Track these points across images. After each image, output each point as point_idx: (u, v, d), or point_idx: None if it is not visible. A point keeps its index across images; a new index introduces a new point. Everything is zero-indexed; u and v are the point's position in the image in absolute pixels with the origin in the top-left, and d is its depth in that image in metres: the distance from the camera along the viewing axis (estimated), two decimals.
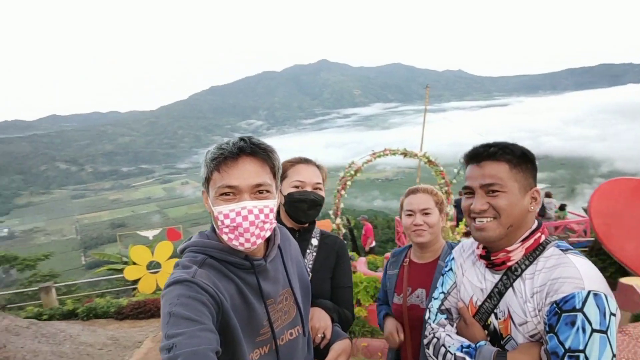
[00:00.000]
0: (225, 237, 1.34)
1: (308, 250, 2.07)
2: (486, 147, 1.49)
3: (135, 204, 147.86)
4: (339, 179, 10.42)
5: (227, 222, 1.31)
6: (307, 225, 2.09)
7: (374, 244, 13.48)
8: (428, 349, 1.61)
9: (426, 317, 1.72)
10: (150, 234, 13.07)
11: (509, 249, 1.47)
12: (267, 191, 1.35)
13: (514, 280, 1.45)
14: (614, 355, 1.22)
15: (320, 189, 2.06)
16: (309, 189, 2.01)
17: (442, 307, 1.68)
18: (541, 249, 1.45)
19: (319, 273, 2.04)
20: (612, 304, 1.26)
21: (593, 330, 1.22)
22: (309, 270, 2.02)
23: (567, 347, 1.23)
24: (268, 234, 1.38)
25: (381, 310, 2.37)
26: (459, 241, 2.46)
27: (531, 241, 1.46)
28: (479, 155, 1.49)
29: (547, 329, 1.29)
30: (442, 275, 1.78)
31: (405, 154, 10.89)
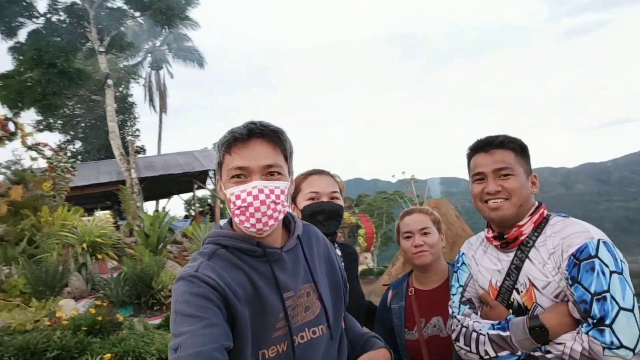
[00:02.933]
0: (237, 220, 1.31)
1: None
2: (494, 138, 1.66)
3: None
4: None
5: (238, 202, 1.29)
6: (329, 237, 1.97)
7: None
8: (458, 341, 1.62)
9: (450, 313, 1.74)
10: None
11: (520, 223, 1.60)
12: (279, 173, 1.33)
13: (528, 251, 1.57)
14: (634, 295, 1.36)
15: (337, 198, 2.00)
16: (325, 199, 1.95)
17: (463, 299, 1.72)
18: (545, 221, 1.61)
19: (351, 282, 2.01)
20: (619, 252, 1.43)
21: (611, 272, 1.37)
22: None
23: (592, 291, 1.35)
24: (280, 216, 1.33)
25: None
26: None
27: (537, 215, 1.62)
28: (489, 144, 1.65)
29: (570, 281, 1.41)
30: (455, 272, 1.82)
31: None
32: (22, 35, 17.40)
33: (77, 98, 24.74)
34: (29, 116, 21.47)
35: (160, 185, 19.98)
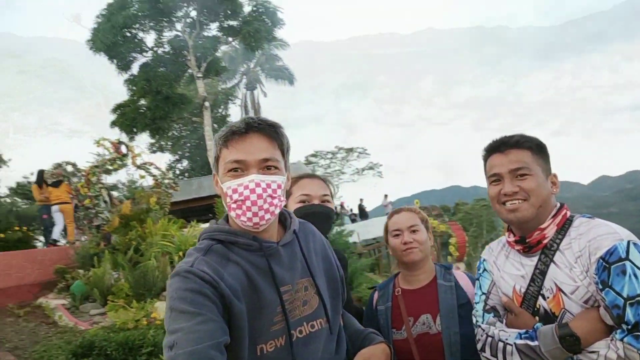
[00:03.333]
0: (233, 214, 1.31)
1: None
2: (509, 137, 1.61)
3: None
4: None
5: (235, 196, 1.29)
6: None
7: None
8: (484, 352, 1.56)
9: (474, 322, 1.68)
10: None
11: (542, 226, 1.53)
12: (275, 167, 1.34)
13: (553, 255, 1.50)
14: None
15: (328, 201, 1.99)
16: (316, 202, 1.95)
17: (487, 307, 1.66)
18: (569, 222, 1.54)
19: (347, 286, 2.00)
20: None
21: None
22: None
23: (625, 295, 1.28)
24: (277, 210, 1.33)
25: None
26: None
27: (560, 217, 1.54)
28: (504, 144, 1.60)
29: (601, 286, 1.33)
30: (477, 279, 1.78)
31: None
32: (134, 69, 19.78)
33: (182, 121, 27.26)
34: (143, 139, 24.10)
35: None
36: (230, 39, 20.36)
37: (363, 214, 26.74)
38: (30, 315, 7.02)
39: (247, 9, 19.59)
